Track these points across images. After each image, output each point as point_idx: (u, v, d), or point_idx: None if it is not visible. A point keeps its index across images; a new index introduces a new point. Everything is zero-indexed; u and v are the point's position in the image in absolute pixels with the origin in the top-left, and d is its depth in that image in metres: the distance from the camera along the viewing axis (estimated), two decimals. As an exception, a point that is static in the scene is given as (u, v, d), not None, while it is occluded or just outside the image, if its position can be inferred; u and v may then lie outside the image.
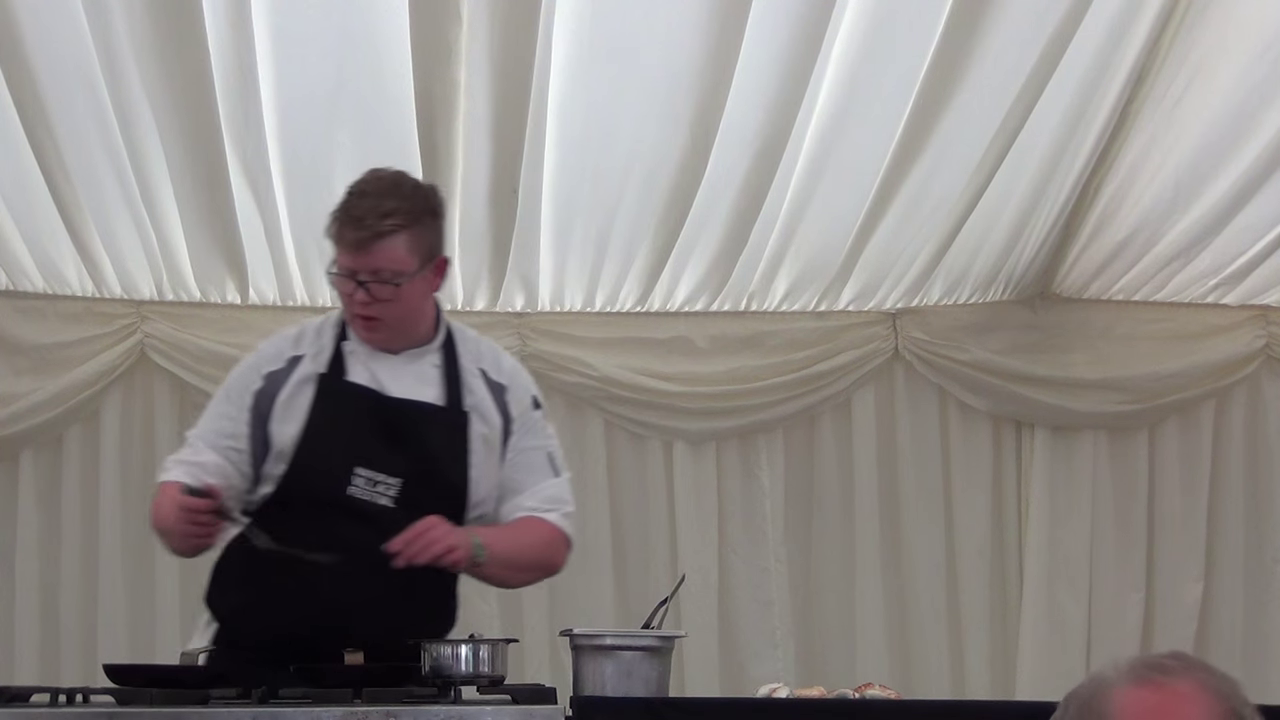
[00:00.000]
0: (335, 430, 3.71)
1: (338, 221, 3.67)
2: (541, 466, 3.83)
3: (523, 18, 4.68)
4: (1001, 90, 5.06)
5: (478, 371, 3.82)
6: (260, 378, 3.79)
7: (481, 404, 3.79)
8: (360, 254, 3.64)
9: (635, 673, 3.47)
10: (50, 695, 3.38)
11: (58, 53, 4.74)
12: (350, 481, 3.67)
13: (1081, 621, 5.90)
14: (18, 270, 5.50)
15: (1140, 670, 1.80)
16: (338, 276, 3.69)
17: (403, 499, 3.66)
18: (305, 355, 3.79)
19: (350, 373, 3.76)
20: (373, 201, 3.66)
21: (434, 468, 3.71)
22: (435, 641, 3.43)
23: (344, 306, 3.76)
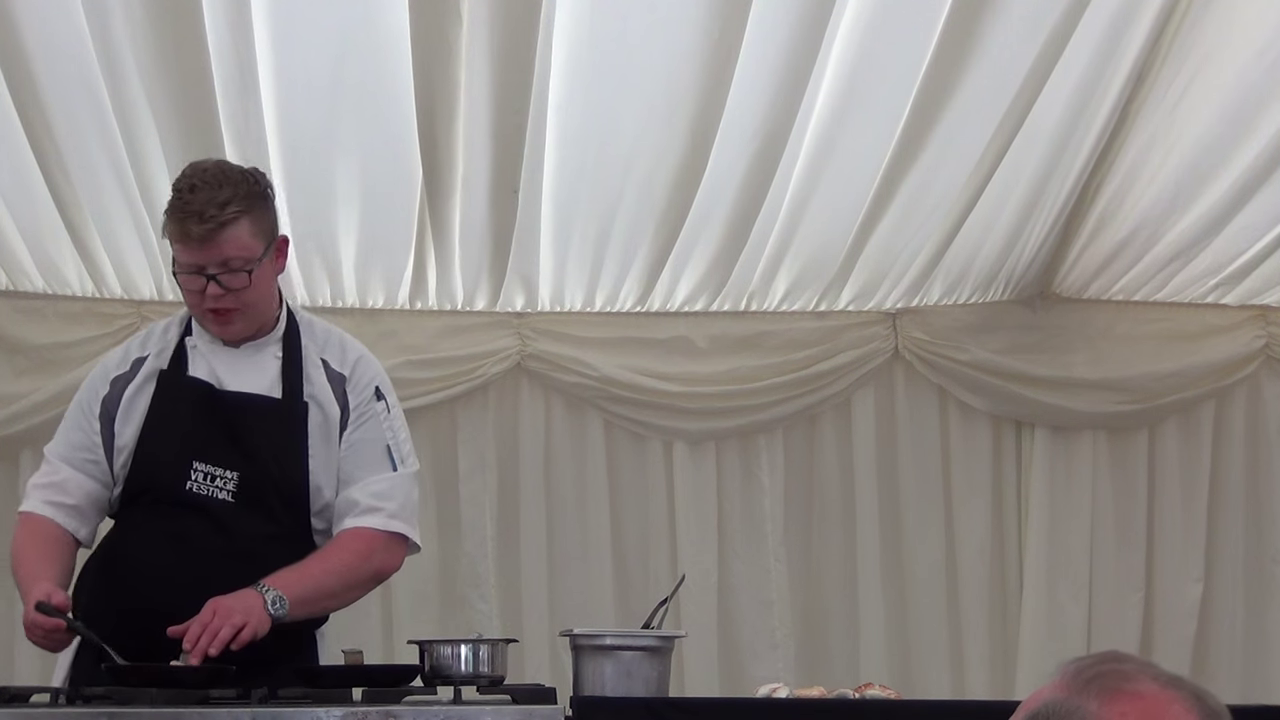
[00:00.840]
0: (172, 425, 3.73)
1: (177, 219, 3.67)
2: (377, 459, 3.78)
3: (523, 17, 4.68)
4: (1001, 90, 5.06)
5: (319, 361, 3.82)
6: (107, 384, 3.81)
7: (320, 394, 3.78)
8: (207, 247, 3.64)
9: (635, 673, 3.47)
10: (50, 695, 3.38)
11: (58, 53, 4.73)
12: (189, 476, 3.68)
13: (1081, 621, 5.90)
14: (18, 270, 5.49)
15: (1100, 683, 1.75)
16: (185, 275, 3.69)
17: (242, 493, 3.67)
18: (149, 354, 3.82)
19: (191, 368, 3.78)
20: (208, 193, 3.66)
21: (269, 461, 3.70)
22: (436, 641, 3.43)
23: (191, 305, 3.76)
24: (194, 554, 3.63)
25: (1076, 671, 1.76)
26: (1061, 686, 1.75)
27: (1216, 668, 5.91)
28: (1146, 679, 1.74)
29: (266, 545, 3.66)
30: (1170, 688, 1.73)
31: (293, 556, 3.65)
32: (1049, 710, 1.74)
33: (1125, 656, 1.78)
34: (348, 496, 3.74)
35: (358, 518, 3.72)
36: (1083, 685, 1.74)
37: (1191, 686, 1.74)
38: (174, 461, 3.69)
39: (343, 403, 3.78)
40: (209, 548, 3.63)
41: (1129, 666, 1.75)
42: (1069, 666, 1.77)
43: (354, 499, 3.74)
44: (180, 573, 3.61)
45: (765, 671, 5.58)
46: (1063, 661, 1.79)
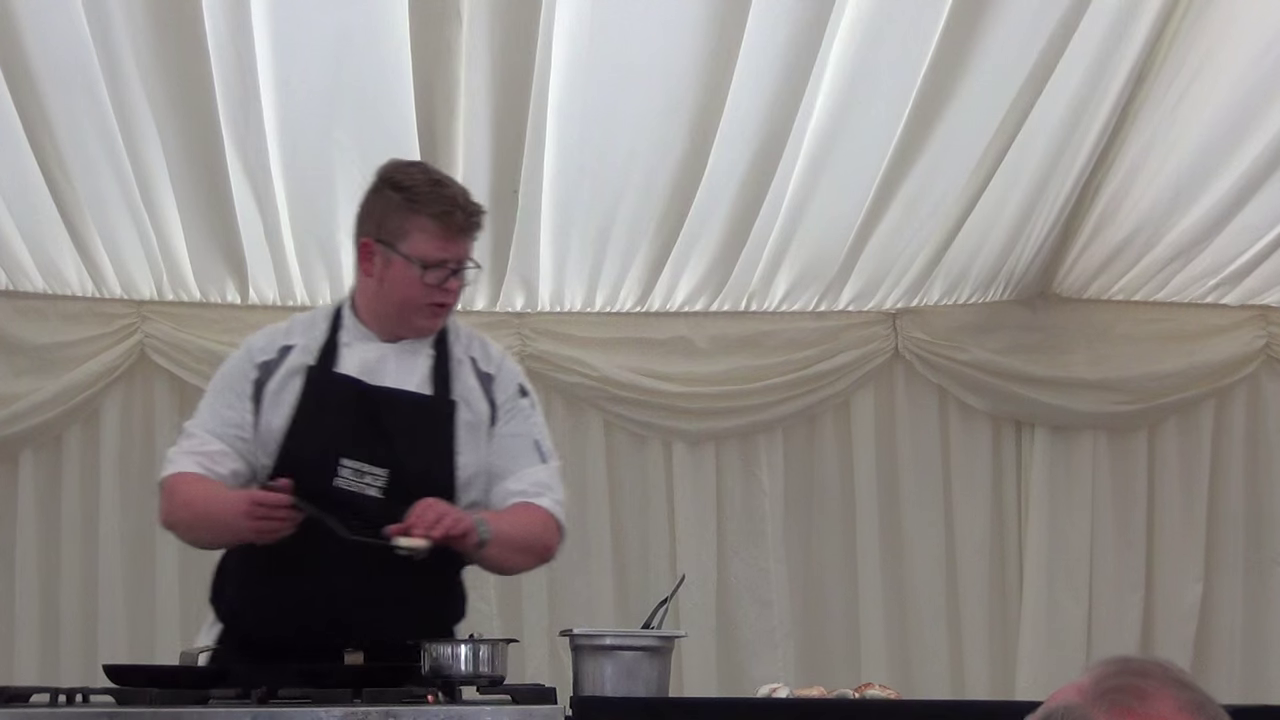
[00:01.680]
0: (321, 422, 3.72)
1: (437, 209, 3.71)
2: (527, 452, 3.83)
3: (523, 17, 4.68)
4: (1001, 90, 5.06)
5: (468, 360, 3.85)
6: (254, 368, 3.79)
7: (470, 393, 3.81)
8: (464, 240, 3.73)
9: (635, 673, 3.47)
10: (50, 695, 3.38)
11: (58, 53, 4.74)
12: (337, 473, 3.68)
13: (1081, 621, 5.90)
14: (18, 270, 5.50)
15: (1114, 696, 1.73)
16: (434, 268, 3.72)
17: (390, 490, 3.68)
18: (296, 346, 3.80)
19: (341, 363, 3.77)
20: (459, 188, 3.77)
21: (419, 458, 3.72)
22: (435, 641, 3.43)
23: (413, 299, 3.75)
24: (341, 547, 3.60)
25: (1100, 677, 1.74)
26: (1081, 690, 1.74)
27: (1216, 668, 5.91)
28: (1167, 698, 1.71)
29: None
30: (1187, 712, 1.71)
31: (436, 555, 3.62)
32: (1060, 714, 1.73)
33: (1153, 669, 1.75)
34: (505, 488, 3.79)
35: (531, 499, 3.78)
36: (1099, 695, 1.72)
37: (1212, 713, 1.72)
38: (322, 458, 3.69)
39: (490, 401, 3.82)
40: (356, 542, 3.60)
41: (1151, 683, 1.73)
42: (1098, 668, 1.76)
43: (513, 489, 3.78)
44: (326, 569, 3.62)
45: (765, 671, 5.58)
46: (1100, 659, 1.78)
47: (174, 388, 5.66)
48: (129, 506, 5.60)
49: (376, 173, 3.85)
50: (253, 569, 3.73)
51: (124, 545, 5.58)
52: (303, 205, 5.29)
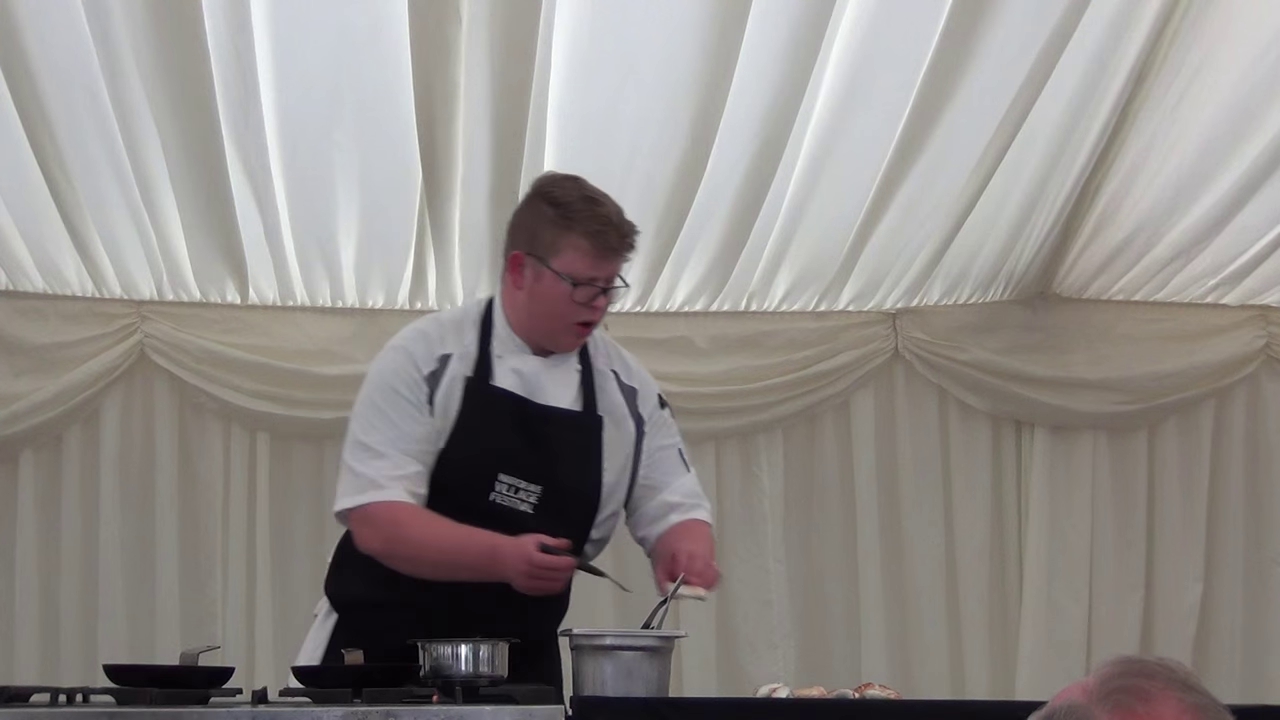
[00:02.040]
0: (480, 436, 3.71)
1: (593, 229, 3.67)
2: (675, 463, 3.90)
3: (523, 17, 4.68)
4: (1001, 90, 5.06)
5: (610, 374, 3.86)
6: (424, 379, 3.73)
7: (615, 408, 3.83)
8: (615, 259, 3.70)
9: (635, 673, 3.46)
10: (50, 695, 3.38)
11: (58, 53, 4.74)
12: (493, 488, 3.69)
13: (1081, 621, 5.90)
14: (18, 270, 5.49)
15: (1118, 697, 1.73)
16: (584, 287, 3.69)
17: (541, 505, 3.71)
18: (453, 355, 3.75)
19: (496, 376, 3.75)
20: (614, 206, 3.72)
21: (572, 475, 3.74)
22: (435, 641, 3.42)
23: (563, 315, 3.72)
24: None
25: (1106, 678, 1.74)
26: (1087, 690, 1.73)
27: (1216, 668, 5.91)
28: (1170, 701, 1.71)
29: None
30: (1190, 715, 1.70)
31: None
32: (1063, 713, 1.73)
33: (1159, 671, 1.75)
34: (663, 500, 3.85)
35: (687, 513, 3.85)
36: (1103, 695, 1.72)
37: (1216, 716, 1.72)
38: (480, 473, 3.69)
39: (635, 415, 3.85)
40: None
41: (1156, 685, 1.72)
42: (1105, 668, 1.76)
43: (671, 501, 3.85)
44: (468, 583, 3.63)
45: (765, 671, 5.58)
46: (1107, 658, 1.78)
47: (174, 388, 5.66)
48: (129, 506, 5.60)
49: (531, 185, 3.82)
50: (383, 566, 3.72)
51: (124, 545, 5.58)
52: (303, 205, 5.29)
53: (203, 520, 5.62)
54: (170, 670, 3.53)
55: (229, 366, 5.63)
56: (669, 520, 3.86)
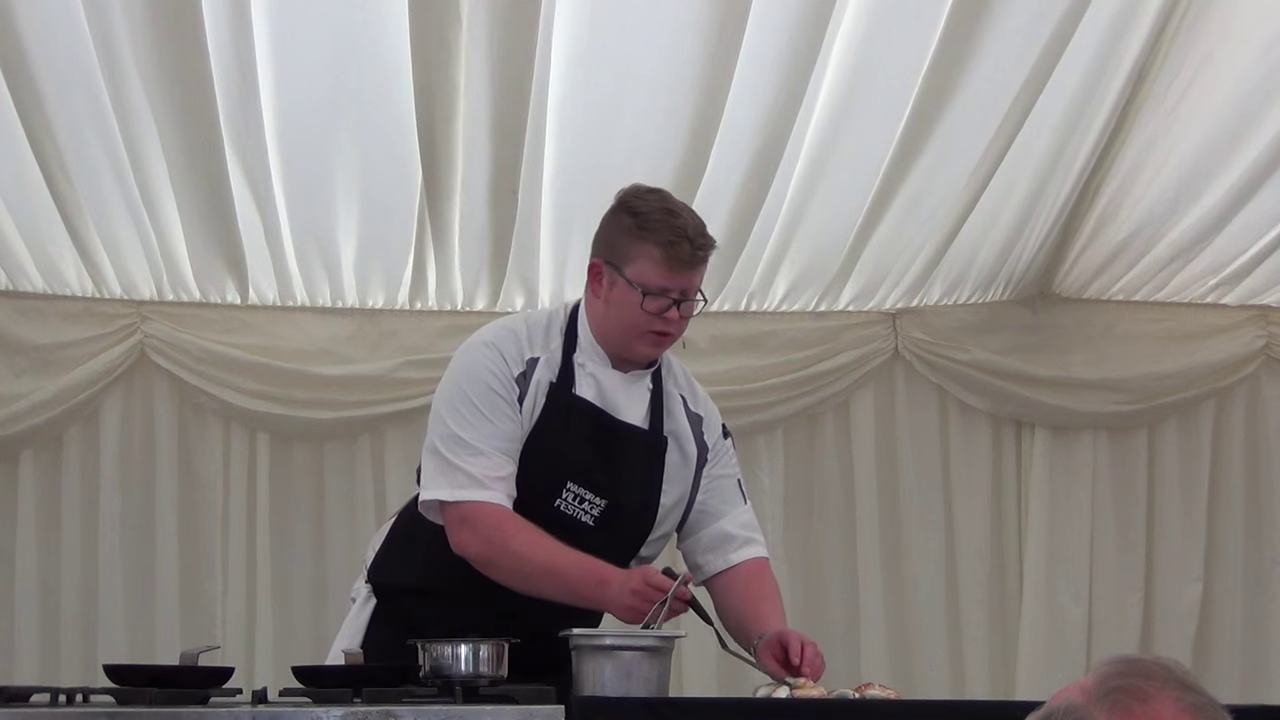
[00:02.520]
0: (557, 442, 3.73)
1: (666, 239, 3.68)
2: (734, 494, 3.93)
3: (523, 18, 4.68)
4: (1001, 90, 5.06)
5: (678, 396, 3.88)
6: (514, 381, 3.73)
7: (680, 431, 3.85)
8: (689, 272, 3.70)
9: (635, 673, 3.46)
10: (50, 695, 3.38)
11: (58, 53, 4.74)
12: (560, 494, 3.71)
13: (1081, 621, 5.91)
14: (18, 270, 5.49)
15: (1116, 697, 1.73)
16: (654, 297, 3.68)
17: (602, 519, 3.73)
18: (540, 358, 3.77)
19: (578, 385, 3.77)
20: (693, 219, 3.74)
21: (635, 493, 3.76)
22: (435, 641, 3.42)
23: (634, 325, 3.71)
24: None
25: (1104, 677, 1.74)
26: (1085, 690, 1.73)
27: (1216, 668, 5.91)
28: (1168, 700, 1.71)
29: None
30: (1188, 714, 1.70)
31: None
32: (1061, 713, 1.73)
33: (1156, 671, 1.75)
34: (721, 529, 3.89)
35: (744, 547, 3.91)
36: (1101, 695, 1.72)
37: (1214, 715, 1.72)
38: (550, 478, 3.71)
39: (699, 442, 3.87)
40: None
41: (1154, 685, 1.72)
42: (1103, 668, 1.76)
43: (729, 532, 3.89)
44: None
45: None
46: (1104, 658, 1.78)
47: (174, 388, 5.66)
48: (129, 506, 5.60)
49: (616, 195, 3.83)
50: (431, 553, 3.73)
51: (124, 545, 5.58)
52: (302, 205, 5.29)
53: (203, 520, 5.62)
54: (170, 670, 3.53)
55: (229, 366, 5.63)
56: (728, 554, 3.90)
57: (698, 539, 3.90)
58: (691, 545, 3.92)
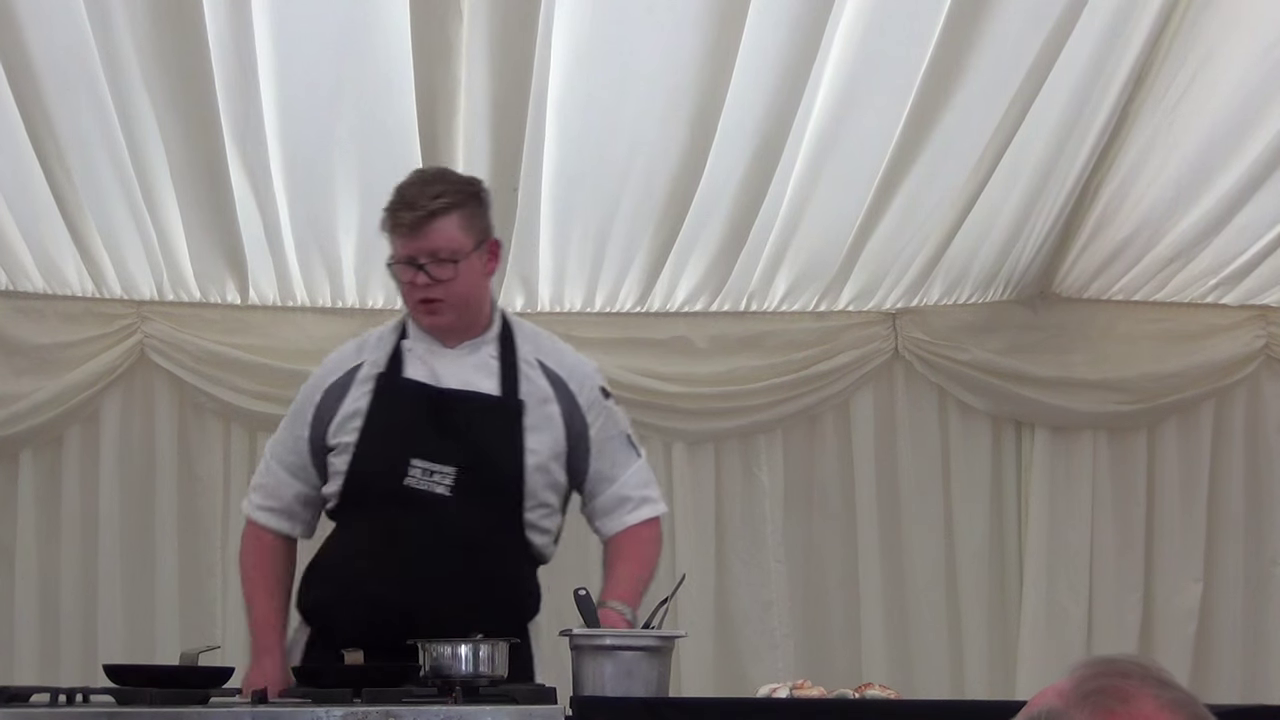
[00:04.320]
0: (391, 425, 3.86)
1: (392, 210, 3.84)
2: (625, 451, 4.00)
3: (523, 16, 4.69)
4: (1000, 89, 5.06)
5: (535, 362, 3.95)
6: (321, 392, 3.96)
7: (539, 393, 3.92)
8: (417, 236, 3.80)
9: (635, 673, 3.47)
10: (50, 695, 3.39)
11: (59, 52, 4.74)
12: (407, 473, 3.80)
13: (1081, 621, 5.90)
14: (18, 270, 5.49)
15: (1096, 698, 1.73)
16: (397, 265, 3.84)
17: (458, 487, 3.80)
18: (365, 361, 3.95)
19: (408, 369, 3.91)
20: (421, 186, 3.85)
21: (486, 456, 3.84)
22: (435, 641, 3.43)
23: (405, 297, 3.90)
24: (411, 547, 3.78)
25: (1081, 679, 1.74)
26: (1062, 693, 1.73)
27: (1216, 668, 5.91)
28: (1147, 698, 1.71)
29: (480, 537, 3.82)
30: (1168, 711, 1.70)
31: (505, 548, 3.85)
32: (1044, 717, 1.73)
33: (1133, 669, 1.75)
34: (616, 493, 3.98)
35: (638, 508, 4.00)
36: (1081, 698, 1.72)
37: (1193, 711, 1.72)
38: (393, 459, 3.82)
39: (568, 401, 3.94)
40: (425, 540, 3.78)
41: (1132, 684, 1.72)
42: (1078, 670, 1.76)
43: (624, 494, 3.99)
44: (398, 566, 3.77)
45: (765, 671, 5.58)
46: (1079, 660, 1.78)
47: (174, 388, 5.66)
48: (129, 506, 5.60)
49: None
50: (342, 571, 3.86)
51: (124, 545, 5.58)
52: (303, 205, 5.29)
53: (203, 520, 5.62)
54: (170, 670, 3.53)
55: (229, 366, 5.63)
56: (623, 515, 4.00)
57: (596, 504, 4.01)
58: (591, 511, 4.03)
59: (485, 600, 3.78)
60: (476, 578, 3.80)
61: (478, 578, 3.80)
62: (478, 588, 3.79)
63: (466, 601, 3.75)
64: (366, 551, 3.82)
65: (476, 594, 3.78)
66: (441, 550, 3.78)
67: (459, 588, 3.77)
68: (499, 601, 3.83)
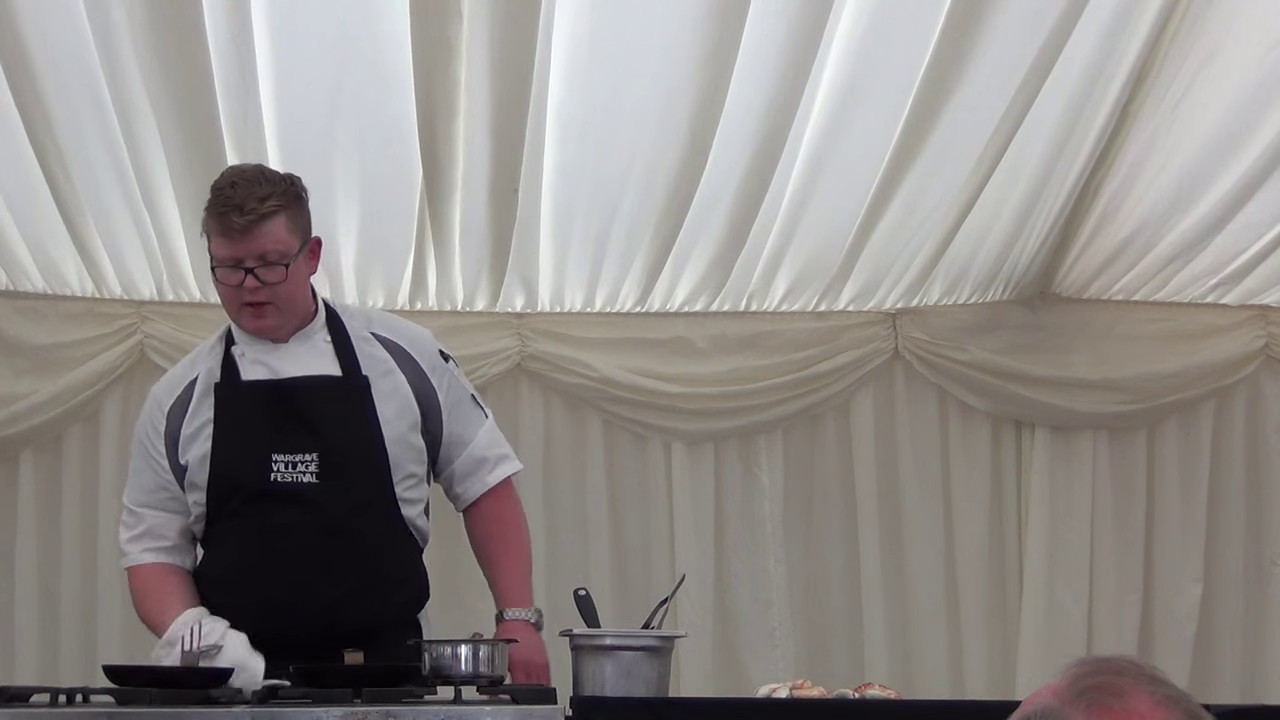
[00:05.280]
0: (241, 429, 3.82)
1: (217, 213, 3.76)
2: (473, 413, 3.99)
3: (523, 16, 4.68)
4: (1000, 89, 5.06)
5: (369, 336, 3.93)
6: (163, 417, 3.92)
7: (380, 365, 3.90)
8: (245, 240, 3.74)
9: (635, 673, 3.47)
10: (50, 695, 3.39)
11: (58, 52, 4.74)
12: (270, 468, 3.78)
13: (1081, 621, 5.90)
14: (18, 270, 5.49)
15: (1091, 696, 1.73)
16: (222, 269, 3.78)
17: (324, 471, 3.78)
18: (199, 374, 3.91)
19: (244, 374, 3.87)
20: (247, 189, 3.76)
21: (343, 435, 3.81)
22: (436, 641, 3.43)
23: (228, 301, 3.85)
24: (290, 539, 3.76)
25: (1075, 678, 1.74)
26: (1057, 692, 1.74)
27: (1216, 668, 5.91)
28: (1142, 694, 1.71)
29: (356, 517, 3.79)
30: (1163, 707, 1.71)
31: (381, 526, 3.82)
32: (1040, 716, 1.73)
33: (1126, 667, 1.75)
34: (471, 454, 3.97)
35: (495, 466, 3.99)
36: (1075, 695, 1.72)
37: (1187, 706, 1.72)
38: (254, 461, 3.80)
39: (410, 369, 3.92)
40: (303, 530, 3.76)
41: (1126, 681, 1.73)
42: (1071, 669, 1.76)
43: (480, 455, 3.98)
44: (282, 560, 3.75)
45: (765, 671, 5.58)
46: (1070, 660, 1.78)
47: (174, 388, 5.65)
48: (129, 506, 5.59)
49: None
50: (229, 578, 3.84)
51: (124, 545, 5.57)
52: (302, 205, 5.29)
53: (203, 520, 5.62)
54: (170, 671, 3.54)
55: (229, 366, 5.62)
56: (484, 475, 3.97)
57: (453, 469, 3.98)
58: (449, 476, 3.99)
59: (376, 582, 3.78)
60: (362, 559, 3.77)
61: (364, 559, 3.77)
62: (365, 569, 3.77)
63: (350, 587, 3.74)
64: (254, 551, 3.78)
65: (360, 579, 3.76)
66: (318, 536, 3.75)
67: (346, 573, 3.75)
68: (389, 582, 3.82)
